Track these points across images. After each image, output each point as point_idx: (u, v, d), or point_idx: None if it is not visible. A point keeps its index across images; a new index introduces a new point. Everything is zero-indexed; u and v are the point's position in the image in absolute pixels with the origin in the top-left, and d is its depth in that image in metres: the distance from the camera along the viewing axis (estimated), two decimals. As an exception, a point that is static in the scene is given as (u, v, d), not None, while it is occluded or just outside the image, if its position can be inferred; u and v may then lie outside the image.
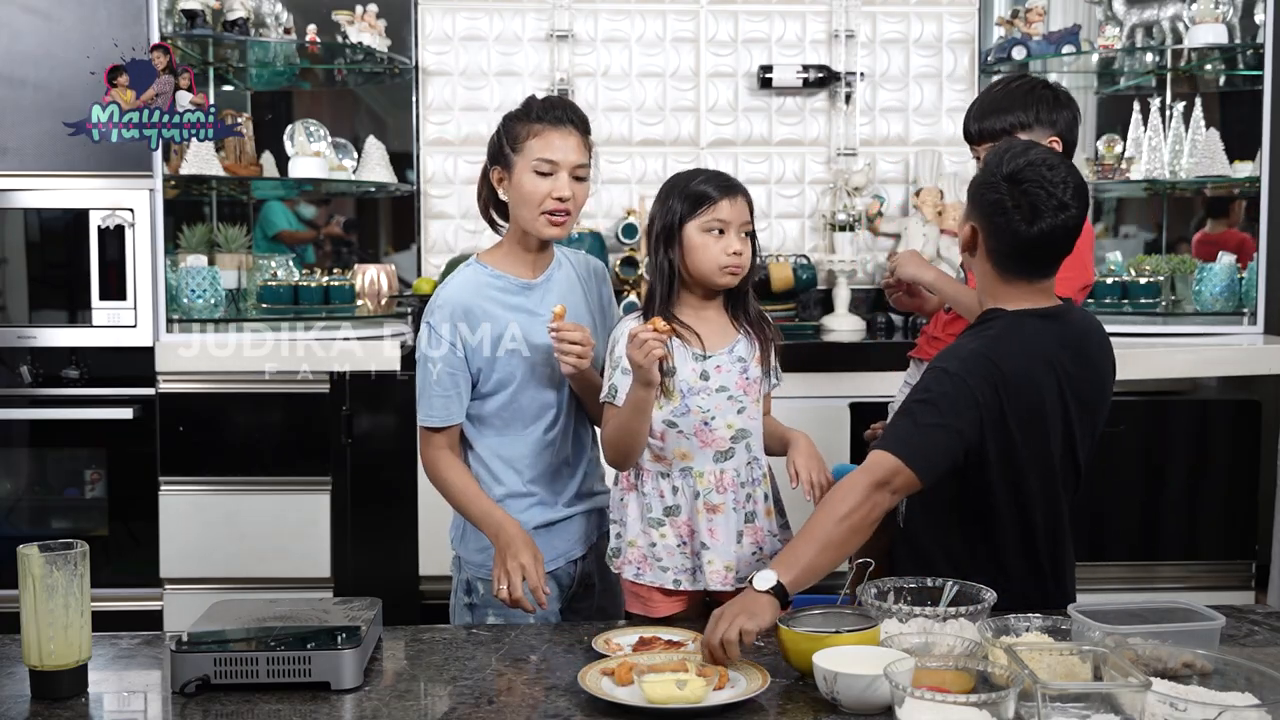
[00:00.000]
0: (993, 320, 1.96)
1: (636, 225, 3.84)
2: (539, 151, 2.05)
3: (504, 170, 2.09)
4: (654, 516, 2.09)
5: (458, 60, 3.99)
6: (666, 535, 2.08)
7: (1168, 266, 3.85)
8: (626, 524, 2.11)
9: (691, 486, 2.07)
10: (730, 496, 2.07)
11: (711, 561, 2.05)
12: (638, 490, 2.10)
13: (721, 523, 2.06)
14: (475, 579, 2.15)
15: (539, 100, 2.11)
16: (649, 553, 2.09)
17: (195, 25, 3.55)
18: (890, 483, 1.82)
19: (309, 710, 1.56)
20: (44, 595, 1.58)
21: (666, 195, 2.07)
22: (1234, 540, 3.53)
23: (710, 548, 2.06)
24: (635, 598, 2.13)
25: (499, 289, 2.12)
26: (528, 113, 2.08)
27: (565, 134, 2.06)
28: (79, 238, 3.47)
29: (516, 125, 2.08)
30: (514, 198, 2.09)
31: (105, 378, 3.50)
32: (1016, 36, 3.88)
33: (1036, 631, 1.66)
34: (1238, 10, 3.72)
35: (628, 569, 2.10)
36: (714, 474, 2.07)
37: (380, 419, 3.45)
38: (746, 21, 4.01)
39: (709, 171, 2.09)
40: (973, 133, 2.37)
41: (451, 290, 2.11)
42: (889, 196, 4.05)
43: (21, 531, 3.61)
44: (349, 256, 4.13)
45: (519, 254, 2.14)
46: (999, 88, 2.40)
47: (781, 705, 1.58)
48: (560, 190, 2.05)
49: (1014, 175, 1.87)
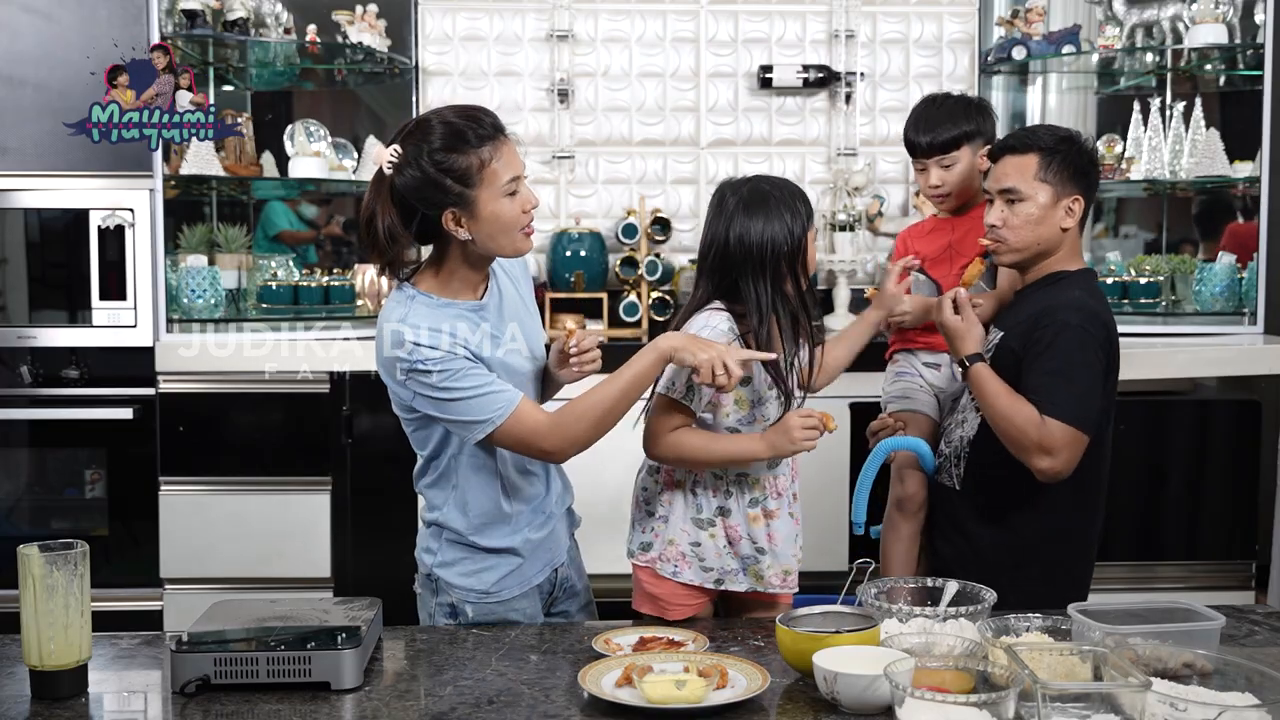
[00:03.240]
0: (1076, 277, 2.25)
1: (636, 225, 3.84)
2: (504, 172, 1.89)
3: (461, 210, 1.88)
4: (704, 517, 2.11)
5: (458, 60, 3.99)
6: (716, 536, 2.11)
7: (1168, 266, 3.85)
8: (669, 521, 2.12)
9: (747, 491, 2.10)
10: (784, 502, 2.12)
11: (771, 565, 2.10)
12: (686, 490, 2.12)
13: (779, 528, 2.11)
14: (463, 602, 2.03)
15: (450, 127, 1.89)
16: (691, 552, 2.11)
17: (195, 25, 3.55)
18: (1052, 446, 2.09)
19: (309, 710, 1.56)
20: (44, 595, 1.58)
21: (789, 207, 2.04)
22: (1234, 540, 3.53)
23: (768, 552, 2.11)
24: (650, 600, 2.14)
25: (454, 316, 1.93)
26: (463, 141, 1.87)
27: (506, 143, 1.92)
28: (79, 238, 3.47)
29: (458, 159, 1.87)
30: (484, 231, 1.90)
31: (105, 378, 3.50)
32: (1016, 36, 3.87)
33: (1036, 631, 1.66)
34: (1238, 10, 3.72)
35: (664, 566, 2.11)
36: (769, 480, 2.12)
37: (380, 419, 3.44)
38: (746, 21, 4.01)
39: (784, 180, 2.11)
40: (923, 145, 2.52)
41: (420, 320, 1.90)
42: (889, 196, 4.05)
43: (21, 531, 3.61)
44: (349, 256, 4.13)
45: (463, 278, 1.97)
46: (937, 105, 2.58)
47: (781, 705, 1.58)
48: (530, 200, 1.94)
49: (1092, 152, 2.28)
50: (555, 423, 1.92)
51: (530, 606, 2.08)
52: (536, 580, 2.08)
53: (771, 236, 2.02)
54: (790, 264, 2.04)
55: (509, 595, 2.05)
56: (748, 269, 2.03)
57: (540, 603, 2.11)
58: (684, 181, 4.05)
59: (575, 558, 2.22)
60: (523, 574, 2.06)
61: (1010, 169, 2.23)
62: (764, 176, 2.11)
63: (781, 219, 2.03)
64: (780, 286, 2.04)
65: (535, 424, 1.91)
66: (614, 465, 2.36)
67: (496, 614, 2.04)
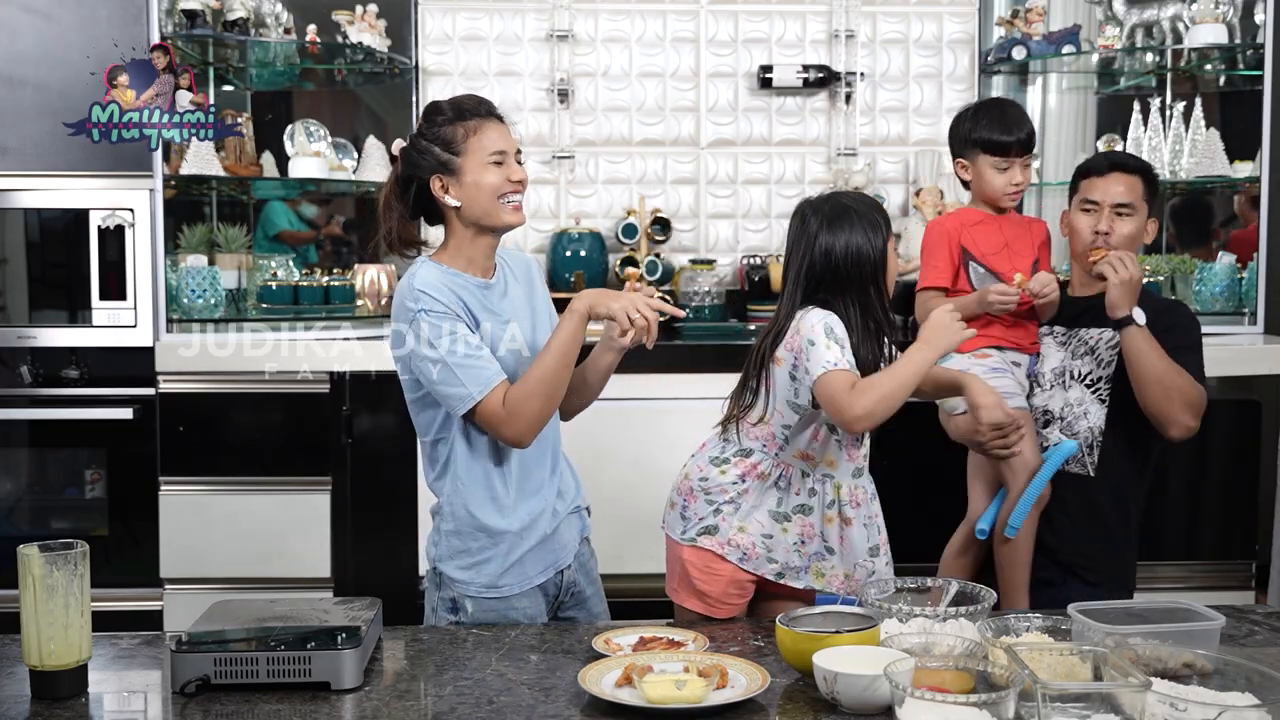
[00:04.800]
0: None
1: (636, 225, 3.84)
2: (488, 145, 2.03)
3: (447, 176, 2.04)
4: (781, 510, 2.14)
5: (458, 60, 3.99)
6: (789, 531, 2.14)
7: (1168, 266, 3.85)
8: (740, 509, 2.14)
9: (829, 493, 2.14)
10: (862, 512, 2.16)
11: (834, 567, 2.14)
12: (769, 484, 2.14)
13: (852, 534, 2.14)
14: (464, 597, 2.06)
15: (453, 102, 2.09)
16: (761, 543, 2.14)
17: (195, 25, 3.55)
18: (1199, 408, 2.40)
19: (309, 710, 1.56)
20: (44, 595, 1.58)
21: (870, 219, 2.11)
22: (1234, 540, 3.53)
23: (836, 553, 2.14)
24: (697, 596, 2.15)
25: (462, 286, 2.05)
26: (456, 114, 2.06)
27: (497, 125, 2.07)
28: (79, 238, 3.47)
29: (447, 130, 2.05)
30: (469, 196, 2.03)
31: (105, 378, 3.50)
32: (1016, 36, 3.87)
33: (1036, 631, 1.66)
34: (1238, 10, 3.72)
35: (730, 550, 2.13)
36: (850, 487, 2.15)
37: (380, 419, 3.44)
38: (746, 21, 4.01)
39: (863, 195, 2.21)
40: (1019, 141, 2.56)
41: (427, 276, 2.02)
42: (889, 196, 4.05)
43: (21, 531, 3.61)
44: (349, 256, 4.13)
45: (468, 258, 2.08)
46: (1008, 105, 2.68)
47: (781, 705, 1.58)
48: (516, 173, 2.05)
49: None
50: (509, 410, 1.97)
51: (532, 607, 2.08)
52: (537, 580, 2.08)
53: (856, 250, 2.10)
54: (874, 276, 2.11)
55: (509, 593, 2.05)
56: (836, 283, 2.11)
57: (545, 605, 2.11)
58: (684, 181, 4.05)
59: (586, 563, 2.20)
60: (523, 570, 2.06)
61: (1122, 185, 2.50)
62: (843, 192, 2.21)
63: (864, 233, 2.11)
64: (866, 298, 2.11)
65: (498, 410, 1.97)
66: (615, 465, 2.36)
67: (497, 611, 2.05)
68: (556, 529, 2.11)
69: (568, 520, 2.14)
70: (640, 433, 3.23)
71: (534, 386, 1.97)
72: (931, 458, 2.67)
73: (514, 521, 2.06)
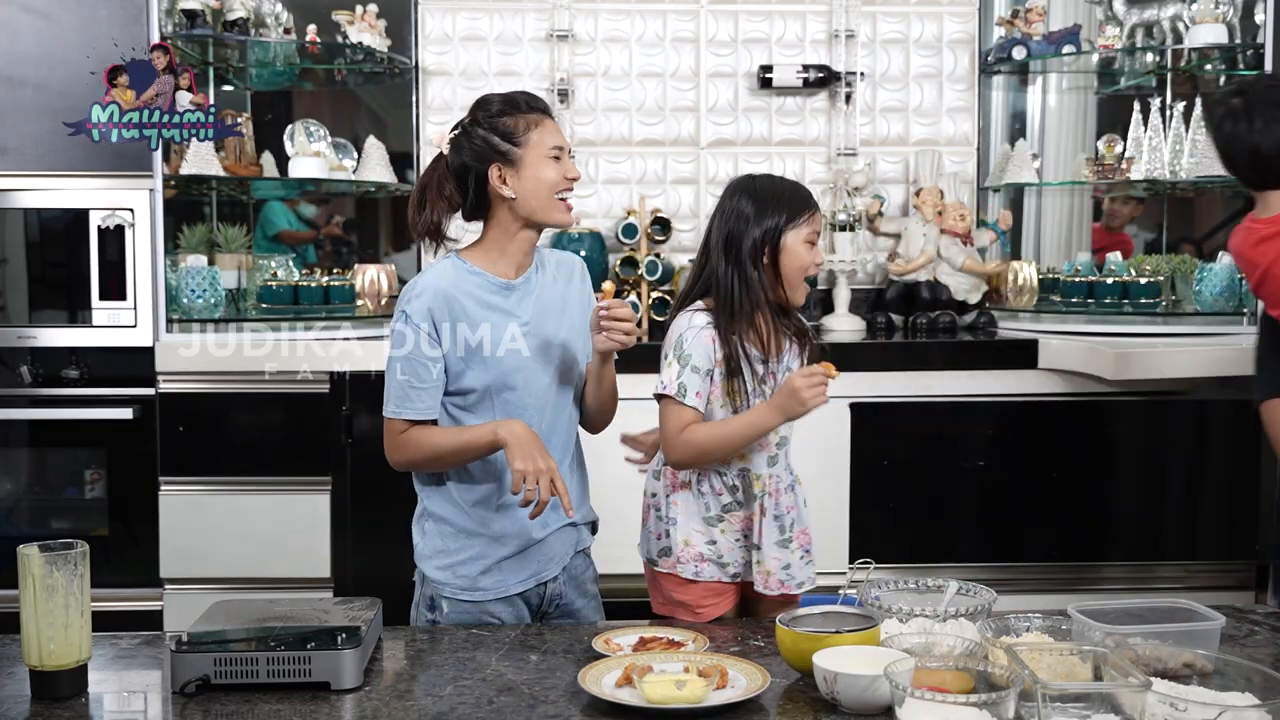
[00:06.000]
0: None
1: (636, 225, 3.84)
2: (549, 140, 2.04)
3: (506, 166, 2.03)
4: (712, 514, 2.12)
5: (458, 60, 3.99)
6: (727, 531, 2.12)
7: (1168, 266, 3.85)
8: (678, 523, 2.12)
9: (749, 487, 2.12)
10: (774, 503, 2.13)
11: (760, 562, 2.11)
12: (693, 489, 2.13)
13: (768, 525, 2.11)
14: (440, 596, 2.08)
15: (506, 96, 2.09)
16: (707, 551, 2.12)
17: (195, 25, 3.55)
18: None
19: (309, 710, 1.56)
20: (44, 595, 1.58)
21: (762, 200, 2.08)
22: (1234, 540, 3.53)
23: (761, 549, 2.11)
24: (679, 605, 2.14)
25: (476, 285, 2.04)
26: (514, 107, 2.06)
27: (554, 123, 2.09)
28: (79, 238, 3.47)
29: (508, 120, 2.04)
30: (526, 189, 2.03)
31: (105, 378, 3.50)
32: (1016, 36, 3.88)
33: (1036, 631, 1.66)
34: (1238, 10, 3.72)
35: (684, 568, 2.12)
36: (766, 477, 2.12)
37: (380, 419, 3.43)
38: (746, 21, 4.01)
39: (788, 180, 2.15)
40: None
41: (431, 279, 2.04)
42: (889, 196, 4.05)
43: (21, 531, 3.61)
44: (349, 256, 4.13)
45: (504, 252, 2.07)
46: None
47: (781, 705, 1.58)
48: (572, 170, 2.07)
49: None
50: (400, 442, 2.05)
51: (509, 614, 2.07)
52: (516, 589, 2.08)
53: (742, 230, 2.08)
54: (754, 258, 2.07)
55: (484, 597, 2.06)
56: (721, 260, 2.10)
57: (526, 614, 2.10)
58: (684, 181, 4.05)
59: (578, 576, 2.17)
60: (500, 576, 2.06)
61: None
62: (769, 175, 2.16)
63: (762, 210, 2.08)
64: (746, 278, 2.07)
65: (394, 435, 2.05)
66: (615, 465, 2.35)
67: (472, 614, 2.05)
68: (545, 540, 2.10)
69: (560, 533, 2.12)
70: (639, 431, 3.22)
71: (426, 446, 2.03)
72: (931, 457, 2.67)
73: (495, 527, 2.06)
